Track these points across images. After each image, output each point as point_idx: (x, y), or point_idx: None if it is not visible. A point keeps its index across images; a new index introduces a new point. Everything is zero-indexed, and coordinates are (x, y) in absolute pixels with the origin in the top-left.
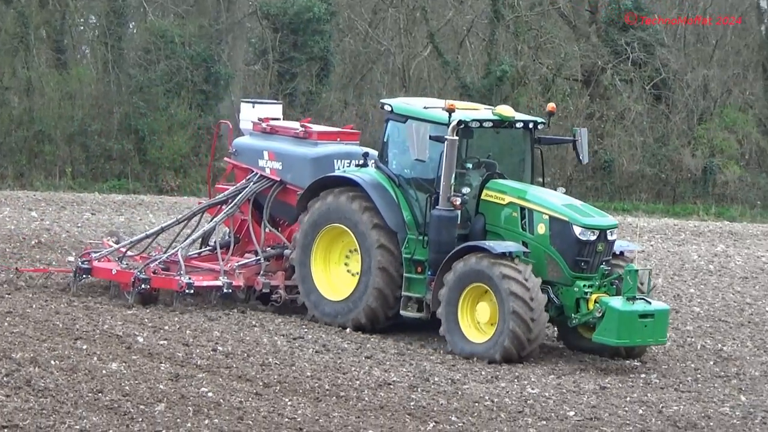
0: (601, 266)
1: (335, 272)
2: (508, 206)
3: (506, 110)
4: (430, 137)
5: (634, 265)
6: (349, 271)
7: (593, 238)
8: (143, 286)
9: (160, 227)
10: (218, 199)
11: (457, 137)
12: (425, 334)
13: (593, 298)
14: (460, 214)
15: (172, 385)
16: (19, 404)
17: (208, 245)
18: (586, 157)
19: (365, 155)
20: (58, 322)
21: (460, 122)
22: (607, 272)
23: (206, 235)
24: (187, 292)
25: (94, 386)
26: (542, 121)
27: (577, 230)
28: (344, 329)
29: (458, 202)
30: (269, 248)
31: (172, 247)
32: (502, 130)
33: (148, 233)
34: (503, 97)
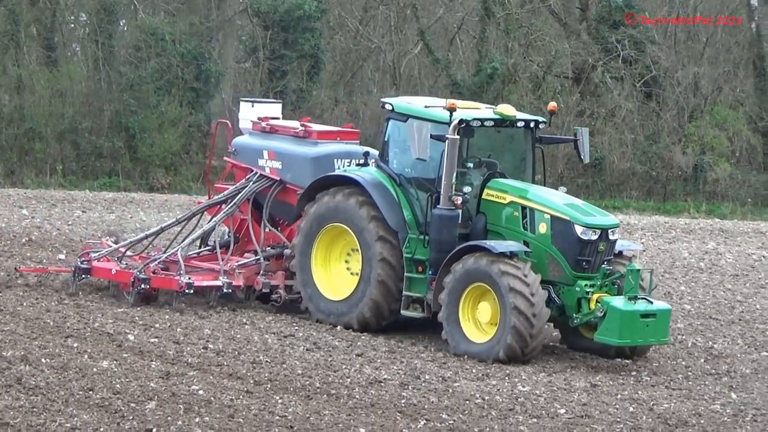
0: (602, 266)
1: (336, 272)
2: (509, 205)
3: (507, 109)
4: (431, 136)
5: (635, 264)
6: (349, 270)
7: (595, 237)
8: (143, 286)
9: (159, 227)
10: (218, 199)
11: (458, 136)
12: (416, 332)
13: (595, 297)
14: (461, 213)
15: (162, 383)
16: (9, 402)
17: (207, 245)
18: (587, 156)
19: (366, 154)
20: (48, 320)
21: (461, 121)
22: (608, 272)
23: (206, 234)
24: (186, 292)
25: (84, 384)
26: (543, 120)
27: (578, 230)
28: (346, 329)
29: (459, 201)
30: (269, 248)
31: (171, 247)
32: (503, 129)
33: (147, 233)
34: (494, 94)
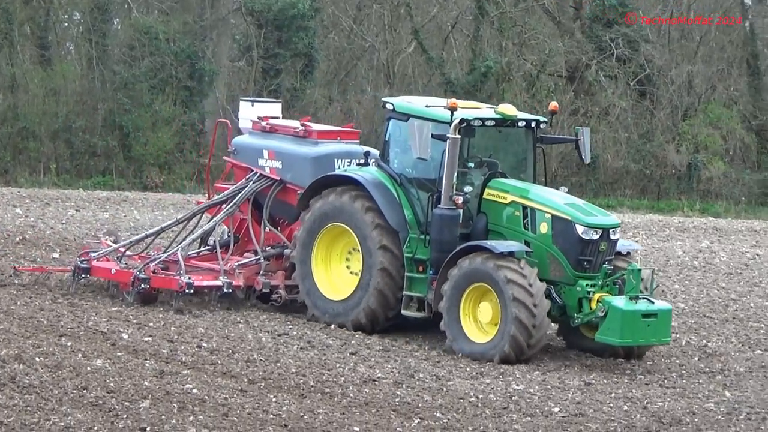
0: (603, 265)
1: (336, 272)
2: (510, 205)
3: (509, 109)
4: (432, 136)
5: (636, 264)
6: (349, 269)
7: (596, 237)
8: (143, 285)
9: (159, 227)
10: (218, 198)
11: (459, 136)
12: (410, 330)
13: (596, 297)
14: (462, 213)
15: (156, 381)
16: (3, 401)
17: (207, 245)
18: (588, 156)
19: (366, 154)
20: (42, 318)
21: (462, 121)
22: (609, 271)
23: (205, 234)
24: (186, 291)
25: (78, 383)
26: (544, 120)
27: (579, 229)
28: (340, 327)
29: (460, 201)
30: (269, 248)
31: (171, 246)
32: (504, 128)
33: (147, 233)
34: (488, 93)
